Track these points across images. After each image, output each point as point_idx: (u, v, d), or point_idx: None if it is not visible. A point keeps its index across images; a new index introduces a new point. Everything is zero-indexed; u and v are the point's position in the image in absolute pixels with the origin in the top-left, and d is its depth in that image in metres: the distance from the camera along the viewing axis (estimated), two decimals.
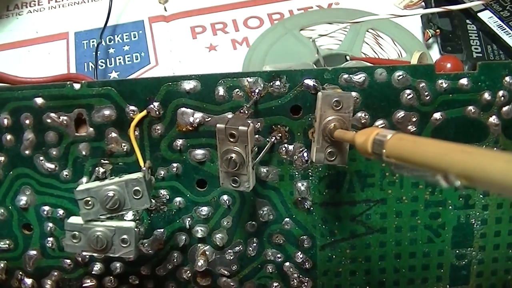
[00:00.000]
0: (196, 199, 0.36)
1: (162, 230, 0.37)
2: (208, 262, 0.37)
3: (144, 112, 0.35)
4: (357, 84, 0.35)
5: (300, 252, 0.37)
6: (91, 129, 0.35)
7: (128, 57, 0.50)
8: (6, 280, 0.37)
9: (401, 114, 0.35)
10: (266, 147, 0.34)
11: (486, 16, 0.50)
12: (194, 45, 0.51)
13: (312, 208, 0.36)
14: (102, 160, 0.35)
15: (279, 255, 0.37)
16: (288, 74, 0.34)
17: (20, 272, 0.37)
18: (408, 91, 0.35)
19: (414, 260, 0.38)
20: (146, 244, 0.36)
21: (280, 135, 0.35)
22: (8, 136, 0.35)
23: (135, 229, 0.32)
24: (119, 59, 0.50)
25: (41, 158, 0.35)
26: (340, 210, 0.37)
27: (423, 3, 0.53)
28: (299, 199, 0.36)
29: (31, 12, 0.54)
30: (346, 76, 0.34)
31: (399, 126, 0.35)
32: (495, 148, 0.36)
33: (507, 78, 0.35)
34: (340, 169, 0.36)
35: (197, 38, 0.52)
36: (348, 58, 0.47)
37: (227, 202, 0.36)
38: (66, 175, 0.35)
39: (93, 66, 0.49)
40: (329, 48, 0.49)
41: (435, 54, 0.49)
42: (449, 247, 0.38)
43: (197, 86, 0.34)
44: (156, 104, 0.34)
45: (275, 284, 0.38)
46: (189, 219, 0.36)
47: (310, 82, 0.34)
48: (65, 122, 0.35)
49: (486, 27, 0.49)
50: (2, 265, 0.37)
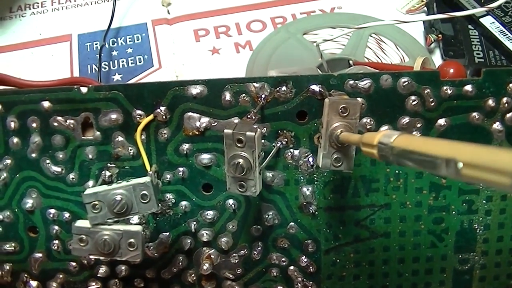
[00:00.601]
0: (201, 203, 0.36)
1: (168, 234, 0.37)
2: (213, 265, 0.37)
3: (150, 116, 0.35)
4: (362, 90, 0.35)
5: (304, 256, 0.37)
6: (98, 132, 0.35)
7: (131, 59, 0.51)
8: (11, 282, 0.37)
9: (406, 120, 0.35)
10: (272, 152, 0.35)
11: (488, 21, 0.50)
12: (197, 48, 0.52)
13: (317, 212, 0.37)
14: (109, 164, 0.35)
15: (283, 259, 0.37)
16: (294, 80, 0.35)
17: (26, 275, 0.37)
18: (413, 97, 0.35)
19: (418, 265, 0.38)
20: (152, 248, 0.36)
21: (286, 140, 0.35)
22: (15, 139, 0.35)
23: (142, 232, 0.32)
24: (122, 61, 0.50)
25: (47, 161, 0.35)
26: (344, 215, 0.37)
27: (425, 8, 0.53)
28: (304, 203, 0.36)
29: (34, 14, 0.55)
30: (352, 82, 0.35)
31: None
32: None
33: (511, 85, 0.36)
34: (345, 174, 0.36)
35: (200, 41, 0.52)
36: (351, 62, 0.47)
37: (233, 206, 0.36)
38: (73, 178, 0.36)
39: (96, 69, 0.49)
40: (332, 53, 0.49)
41: (437, 59, 0.50)
42: (452, 252, 0.38)
43: (203, 91, 0.34)
44: (162, 108, 0.35)
45: (279, 287, 0.38)
46: (194, 222, 0.36)
47: (316, 88, 0.34)
48: (72, 126, 0.35)
49: (488, 33, 0.50)
50: (8, 267, 0.37)
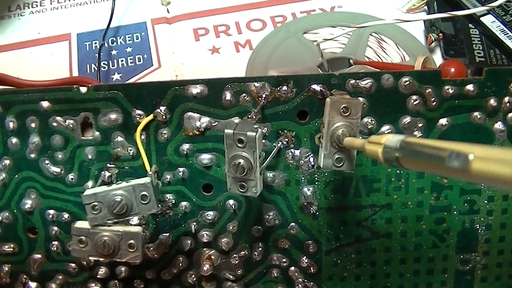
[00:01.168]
0: (202, 203, 0.36)
1: (168, 234, 0.36)
2: (214, 266, 0.37)
3: (150, 116, 0.34)
4: (364, 89, 0.35)
5: (305, 257, 0.37)
6: (97, 133, 0.35)
7: (130, 59, 0.50)
8: (10, 283, 0.37)
9: (407, 119, 0.35)
10: (273, 152, 0.34)
11: (489, 20, 0.50)
12: (197, 47, 0.51)
13: (318, 213, 0.36)
14: (108, 164, 0.35)
15: (284, 260, 0.37)
16: (295, 79, 0.34)
17: (25, 276, 0.37)
18: (414, 97, 0.35)
19: (419, 265, 0.38)
20: (152, 248, 0.36)
21: (286, 140, 0.35)
22: (14, 140, 0.35)
23: (142, 233, 0.32)
24: (122, 60, 0.50)
25: (46, 162, 0.35)
26: (345, 215, 0.37)
27: (425, 7, 0.53)
28: (305, 204, 0.36)
29: (33, 13, 0.54)
30: (353, 81, 0.35)
31: (405, 132, 0.35)
32: None
33: None
34: (346, 174, 0.36)
35: (200, 40, 0.52)
36: (351, 62, 0.47)
37: (233, 206, 0.36)
38: (72, 178, 0.35)
39: (95, 68, 0.49)
40: (332, 52, 0.49)
41: (437, 58, 0.49)
42: (453, 252, 0.38)
43: (204, 91, 0.34)
44: (162, 108, 0.34)
45: None
46: (194, 223, 0.36)
47: (317, 87, 0.34)
48: (71, 126, 0.35)
49: (488, 32, 0.49)
50: (7, 268, 0.37)
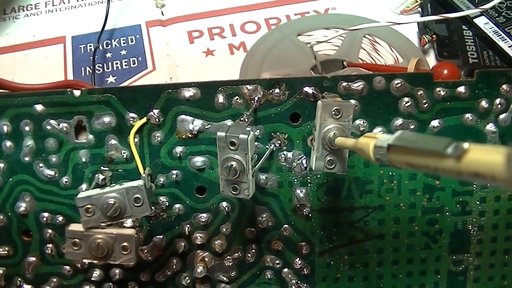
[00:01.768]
0: (195, 205, 0.36)
1: (162, 237, 0.37)
2: (207, 268, 0.37)
3: (144, 119, 0.35)
4: (356, 91, 0.35)
5: (298, 258, 0.37)
6: (91, 136, 0.35)
7: (125, 61, 0.50)
8: (5, 286, 0.37)
9: (399, 121, 0.35)
10: (266, 154, 0.35)
11: (482, 22, 0.50)
12: (191, 49, 0.51)
13: (310, 214, 0.37)
14: (102, 167, 0.35)
15: (277, 261, 0.37)
16: (287, 82, 0.35)
17: (19, 279, 0.37)
18: (406, 99, 0.35)
19: (412, 266, 0.38)
20: (146, 251, 0.36)
21: (279, 142, 0.35)
22: (8, 143, 0.35)
23: (135, 236, 0.32)
24: (116, 63, 0.50)
25: (40, 165, 0.35)
26: (338, 217, 0.37)
27: (419, 8, 0.53)
28: (298, 205, 0.36)
29: (28, 16, 0.54)
30: (345, 83, 0.35)
31: None
32: None
33: (504, 86, 0.36)
34: (339, 176, 0.36)
35: (194, 42, 0.52)
36: (345, 64, 0.47)
37: (226, 208, 0.36)
38: (66, 181, 0.36)
39: (90, 71, 0.49)
40: (326, 54, 0.49)
41: (431, 59, 0.49)
42: (446, 253, 0.38)
43: (196, 94, 0.34)
44: (156, 111, 0.35)
45: None
46: (188, 225, 0.36)
47: (309, 90, 0.34)
48: (65, 129, 0.35)
49: (482, 33, 0.49)
50: (1, 271, 0.37)
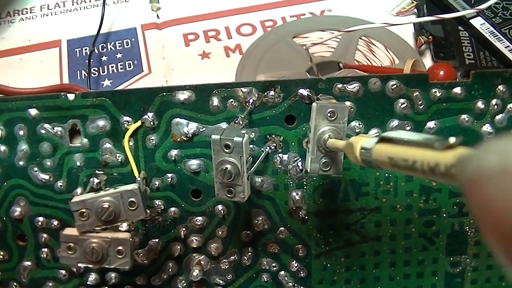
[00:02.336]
0: (191, 209, 0.36)
1: (157, 240, 0.36)
2: (203, 271, 0.37)
3: (138, 123, 0.35)
4: (351, 93, 0.35)
5: (295, 261, 0.37)
6: (86, 139, 0.35)
7: (121, 65, 0.50)
8: None
9: (395, 123, 0.35)
10: (261, 157, 0.34)
11: (478, 22, 0.50)
12: (187, 52, 0.51)
13: (307, 217, 0.37)
14: (97, 171, 0.35)
15: (274, 264, 0.37)
16: (282, 84, 0.34)
17: (15, 283, 0.37)
18: (402, 100, 0.35)
19: (409, 268, 0.38)
20: (141, 254, 0.36)
21: (274, 144, 0.35)
22: (2, 147, 0.35)
23: (130, 240, 0.31)
24: (112, 67, 0.50)
25: (35, 169, 0.35)
26: (334, 219, 0.37)
27: (415, 10, 0.53)
28: (294, 208, 0.36)
29: (23, 19, 0.54)
30: (340, 85, 0.35)
31: None
32: None
33: (501, 87, 0.36)
34: (335, 178, 0.36)
35: (190, 45, 0.52)
36: (341, 65, 0.47)
37: (222, 211, 0.36)
38: (61, 185, 0.35)
39: (86, 74, 0.49)
40: (322, 56, 0.49)
41: (427, 61, 0.49)
42: (443, 254, 0.38)
43: (191, 97, 0.34)
44: (150, 114, 0.34)
45: None
46: (184, 229, 0.36)
47: (304, 92, 0.34)
48: (59, 133, 0.35)
49: (478, 34, 0.49)
50: None
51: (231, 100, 0.34)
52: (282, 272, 0.38)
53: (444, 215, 0.37)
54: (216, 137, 0.29)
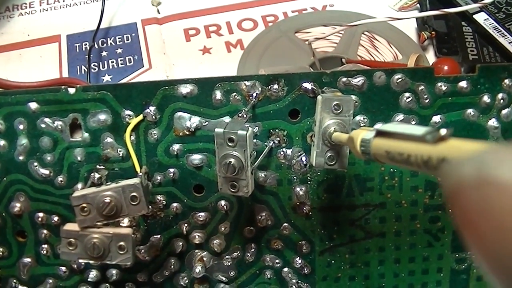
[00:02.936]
0: (193, 204, 0.36)
1: (159, 236, 0.36)
2: (206, 268, 0.36)
3: (140, 117, 0.34)
4: (355, 87, 0.34)
5: (298, 258, 0.37)
6: (86, 134, 0.34)
7: (121, 60, 0.50)
8: None
9: (400, 117, 0.35)
10: (264, 152, 0.34)
11: (481, 18, 0.49)
12: (188, 47, 0.51)
13: (310, 213, 0.36)
14: (98, 166, 0.35)
15: (277, 261, 0.37)
16: (286, 78, 0.34)
17: (14, 280, 0.37)
18: (407, 94, 0.35)
19: (414, 265, 0.38)
20: (143, 251, 0.36)
21: (278, 139, 0.35)
22: (2, 142, 0.34)
23: (132, 235, 0.31)
24: (112, 62, 0.50)
25: (35, 164, 0.35)
26: (339, 215, 0.36)
27: (418, 5, 0.53)
28: (298, 203, 0.36)
29: (22, 14, 0.54)
30: (344, 79, 0.34)
31: None
32: None
33: (507, 81, 0.35)
34: (339, 173, 0.36)
35: (190, 40, 0.51)
36: (344, 61, 0.47)
37: (225, 207, 0.36)
38: (61, 181, 0.35)
39: (85, 70, 0.48)
40: (324, 51, 0.49)
41: (430, 56, 0.49)
42: (448, 251, 0.38)
43: (194, 90, 0.34)
44: (152, 108, 0.34)
45: None
46: (186, 225, 0.36)
47: (308, 86, 0.34)
48: (59, 127, 0.34)
49: (481, 29, 0.49)
50: None
51: (234, 93, 0.34)
52: (286, 269, 0.37)
53: (450, 211, 0.37)
54: (220, 130, 0.29)
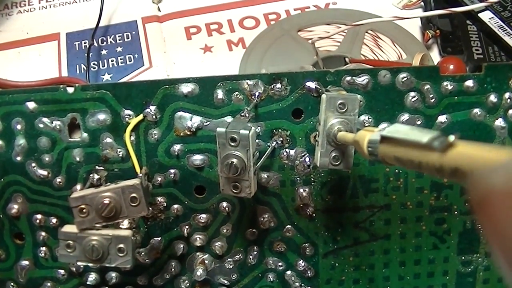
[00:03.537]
0: (194, 206, 0.35)
1: (159, 239, 0.35)
2: (207, 271, 0.36)
3: (140, 116, 0.34)
4: (360, 86, 0.34)
5: (302, 260, 0.36)
6: (85, 134, 0.34)
7: (121, 58, 0.49)
8: None
9: (405, 117, 0.34)
10: (267, 152, 0.33)
11: (487, 16, 0.49)
12: (189, 46, 0.50)
13: (314, 214, 0.35)
14: (97, 166, 0.34)
15: (280, 264, 0.36)
16: (289, 77, 0.33)
17: (12, 283, 0.36)
18: (412, 94, 0.34)
19: (419, 267, 0.37)
20: (143, 253, 0.35)
21: (281, 139, 0.34)
22: None
23: (132, 237, 0.30)
24: (112, 60, 0.49)
25: (33, 165, 0.34)
26: (343, 217, 0.36)
27: (422, 3, 0.52)
28: (301, 205, 0.35)
29: (21, 12, 0.53)
30: (349, 78, 0.34)
31: None
32: None
33: None
34: (343, 174, 0.35)
35: (191, 39, 0.51)
36: (347, 60, 0.46)
37: (227, 209, 0.35)
38: (59, 182, 0.34)
39: (85, 68, 0.48)
40: (327, 50, 0.48)
41: (435, 55, 0.48)
42: (454, 253, 0.37)
43: (195, 89, 0.33)
44: (152, 108, 0.33)
45: None
46: (187, 227, 0.35)
47: (312, 85, 0.33)
48: (58, 127, 0.34)
49: (487, 28, 0.48)
50: None
51: (236, 93, 0.33)
52: (289, 272, 0.37)
53: (456, 212, 0.36)
54: (222, 130, 0.28)
